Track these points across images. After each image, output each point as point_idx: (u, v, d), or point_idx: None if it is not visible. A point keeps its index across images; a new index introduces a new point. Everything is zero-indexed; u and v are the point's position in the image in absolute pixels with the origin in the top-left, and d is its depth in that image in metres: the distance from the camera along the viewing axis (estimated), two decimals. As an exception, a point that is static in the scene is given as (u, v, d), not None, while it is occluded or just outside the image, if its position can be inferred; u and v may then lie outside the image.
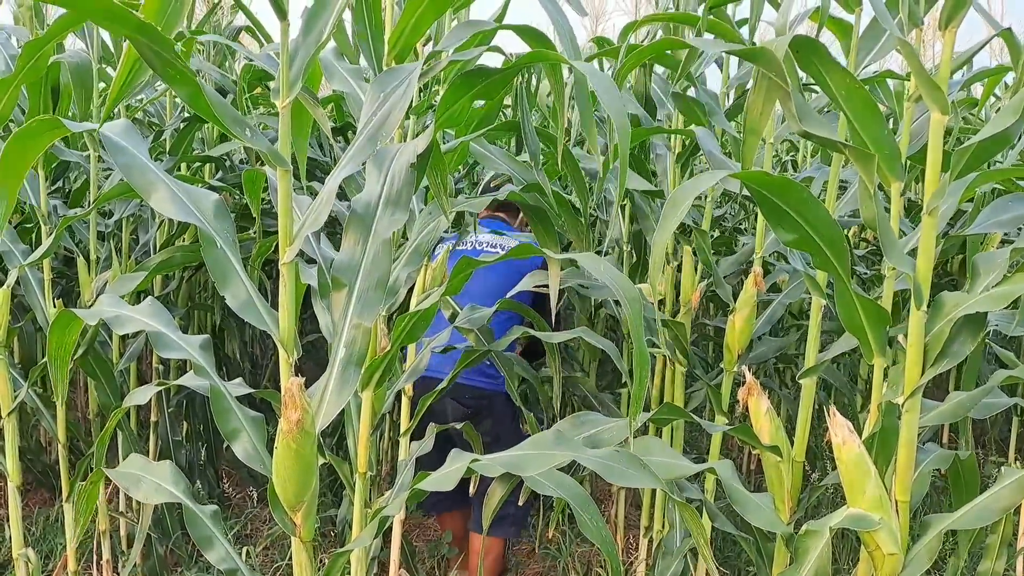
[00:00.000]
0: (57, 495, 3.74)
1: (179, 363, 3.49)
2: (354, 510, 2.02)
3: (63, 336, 1.70)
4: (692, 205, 2.55)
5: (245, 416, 1.51)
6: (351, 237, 1.47)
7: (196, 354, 1.55)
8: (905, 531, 1.45)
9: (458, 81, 1.62)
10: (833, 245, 1.38)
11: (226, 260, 1.43)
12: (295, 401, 1.33)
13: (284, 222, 1.39)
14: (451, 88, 1.62)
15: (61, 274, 3.68)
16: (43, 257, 2.07)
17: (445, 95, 1.70)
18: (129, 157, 1.35)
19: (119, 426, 1.90)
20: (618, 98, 1.49)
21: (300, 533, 1.43)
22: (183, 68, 1.14)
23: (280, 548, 3.46)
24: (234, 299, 1.43)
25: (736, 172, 1.29)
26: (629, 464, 1.43)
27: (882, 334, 1.47)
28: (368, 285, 1.45)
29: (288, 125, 1.33)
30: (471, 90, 1.66)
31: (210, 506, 1.59)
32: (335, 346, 1.47)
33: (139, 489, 1.55)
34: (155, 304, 1.61)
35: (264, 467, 1.48)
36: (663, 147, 2.78)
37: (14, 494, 2.25)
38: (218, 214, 1.43)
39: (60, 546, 3.33)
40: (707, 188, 1.35)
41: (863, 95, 1.36)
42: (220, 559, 1.54)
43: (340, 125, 3.55)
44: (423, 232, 2.04)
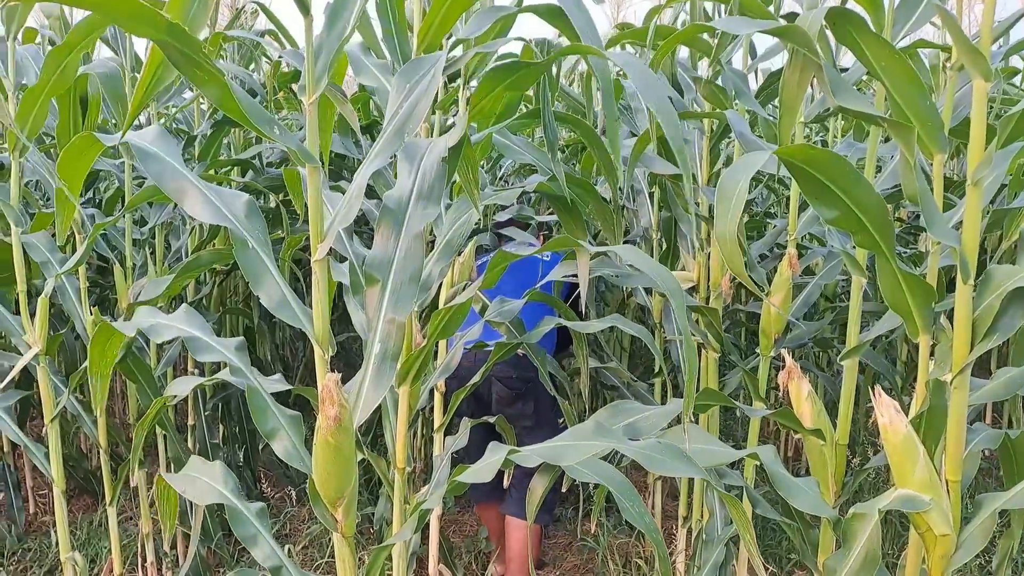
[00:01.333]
0: (100, 500, 3.80)
1: (214, 368, 3.52)
2: (394, 505, 2.02)
3: (104, 349, 1.72)
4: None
5: (283, 414, 1.52)
6: (383, 232, 1.47)
7: (232, 356, 1.56)
8: (957, 511, 1.42)
9: (491, 73, 1.61)
10: (877, 221, 1.34)
11: (259, 260, 1.43)
12: (333, 397, 1.32)
13: (315, 219, 1.39)
14: (484, 80, 1.61)
15: (95, 283, 3.72)
16: (78, 264, 2.09)
17: (479, 88, 1.69)
18: (160, 163, 1.36)
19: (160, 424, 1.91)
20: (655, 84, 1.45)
21: (342, 528, 1.43)
22: (212, 69, 1.14)
23: (319, 546, 3.48)
24: (268, 299, 1.43)
25: (779, 148, 1.27)
26: (670, 454, 1.41)
27: (928, 311, 1.44)
28: (401, 280, 1.45)
29: (316, 122, 1.32)
30: (503, 82, 1.65)
31: (256, 504, 1.60)
32: (370, 342, 1.46)
33: (193, 489, 1.56)
34: (189, 310, 1.62)
35: (303, 464, 1.48)
36: (692, 131, 2.75)
37: (60, 499, 2.28)
38: (250, 215, 1.43)
39: (105, 550, 3.38)
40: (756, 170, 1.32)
41: (904, 66, 1.32)
42: (265, 556, 1.55)
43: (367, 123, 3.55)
44: (454, 227, 2.03)
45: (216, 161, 3.07)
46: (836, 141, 4.14)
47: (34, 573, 3.29)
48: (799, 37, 1.28)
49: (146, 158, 1.35)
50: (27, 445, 2.34)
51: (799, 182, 1.34)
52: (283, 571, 1.56)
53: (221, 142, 3.10)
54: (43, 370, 2.18)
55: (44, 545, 3.47)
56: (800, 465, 4.14)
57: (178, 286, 2.42)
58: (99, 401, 1.77)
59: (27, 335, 2.13)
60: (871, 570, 1.30)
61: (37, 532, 3.66)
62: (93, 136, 1.45)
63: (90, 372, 1.73)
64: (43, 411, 2.81)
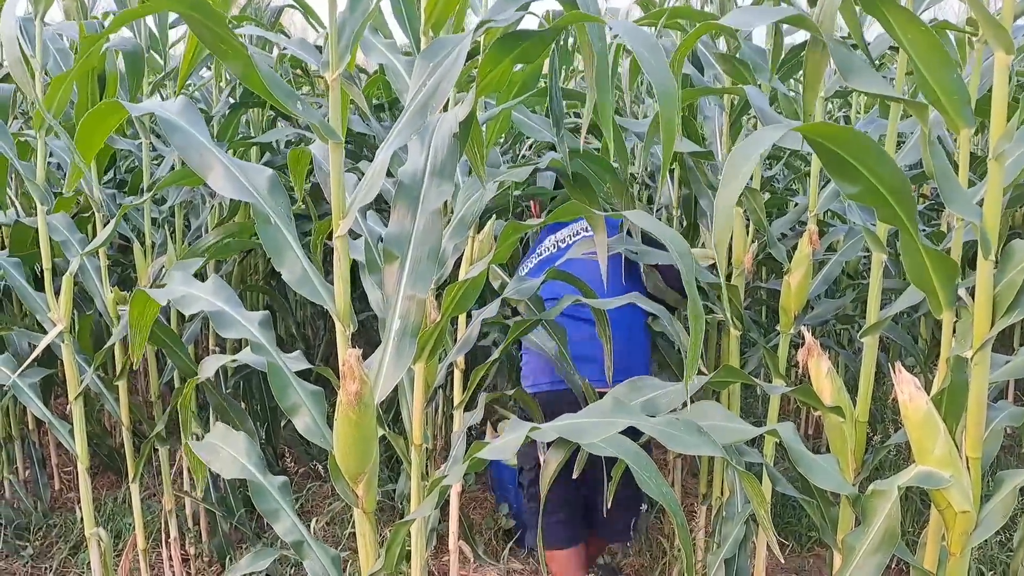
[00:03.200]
0: (123, 477, 3.85)
1: (235, 346, 3.56)
2: (412, 482, 2.03)
3: (142, 310, 1.73)
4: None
5: (304, 391, 1.53)
6: (400, 209, 1.47)
7: (255, 331, 1.57)
8: (977, 488, 1.41)
9: (496, 45, 1.59)
10: (899, 196, 1.33)
11: (280, 236, 1.44)
12: (354, 372, 1.33)
13: (337, 195, 1.39)
14: (490, 52, 1.59)
15: (116, 262, 3.75)
16: (102, 245, 2.11)
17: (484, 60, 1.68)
18: (186, 136, 1.36)
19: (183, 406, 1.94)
20: (662, 61, 1.44)
21: (363, 504, 1.45)
22: (235, 43, 1.14)
23: (341, 523, 3.52)
24: (290, 274, 1.44)
25: (799, 125, 1.25)
26: (689, 431, 1.41)
27: (952, 287, 1.42)
28: (420, 256, 1.45)
29: (338, 98, 1.32)
30: (510, 53, 1.62)
31: (278, 478, 1.62)
32: (389, 318, 1.47)
33: (217, 460, 1.58)
34: (218, 282, 1.63)
35: (325, 441, 1.49)
36: (713, 108, 2.73)
37: (84, 475, 2.32)
38: (272, 190, 1.44)
39: (129, 526, 3.43)
40: (770, 144, 1.30)
41: (930, 38, 1.30)
42: (286, 531, 1.57)
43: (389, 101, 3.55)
44: (467, 203, 2.03)
45: (235, 142, 3.08)
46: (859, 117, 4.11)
47: (59, 549, 3.35)
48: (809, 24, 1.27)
49: (172, 130, 1.36)
50: (52, 422, 2.38)
51: (820, 158, 1.33)
52: (304, 546, 1.58)
53: (239, 121, 3.11)
54: (67, 348, 2.21)
55: (69, 521, 3.53)
56: (820, 443, 4.13)
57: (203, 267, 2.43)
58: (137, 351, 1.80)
59: (51, 312, 2.15)
60: (890, 547, 1.30)
61: (62, 509, 3.73)
62: (118, 103, 1.46)
63: (130, 326, 1.75)
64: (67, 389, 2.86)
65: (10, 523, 3.45)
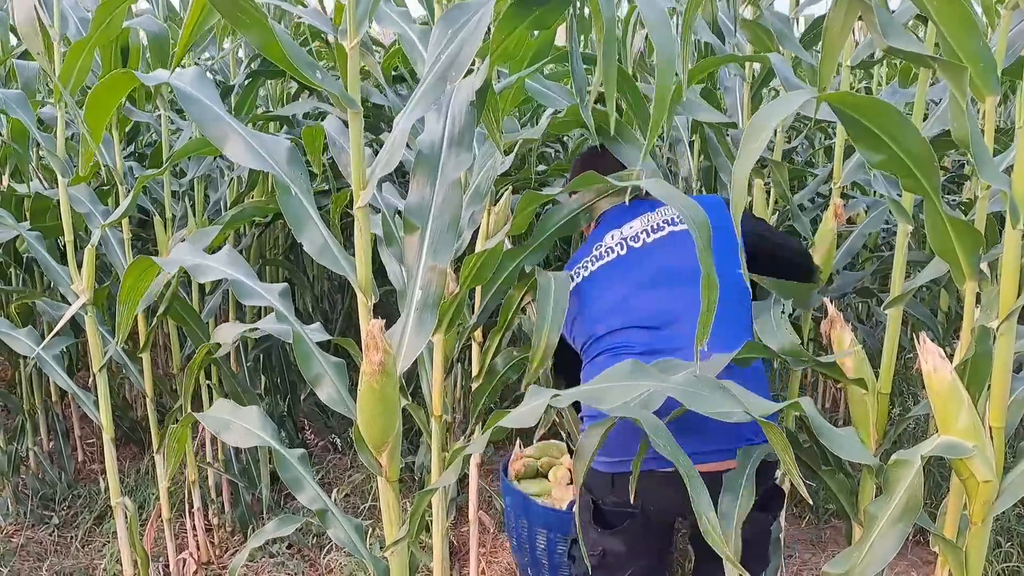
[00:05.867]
0: (146, 449, 3.90)
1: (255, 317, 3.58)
2: (432, 453, 2.05)
3: (137, 280, 1.73)
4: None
5: (327, 361, 1.54)
6: (419, 180, 1.47)
7: (276, 301, 1.58)
8: (1000, 458, 1.40)
9: (510, 10, 1.57)
10: (923, 165, 1.32)
11: (301, 207, 1.44)
12: (377, 343, 1.34)
13: (357, 166, 1.39)
14: (503, 18, 1.57)
15: (137, 236, 3.78)
16: (123, 216, 2.12)
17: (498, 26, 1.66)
18: (202, 108, 1.37)
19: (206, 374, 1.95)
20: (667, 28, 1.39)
21: (386, 473, 1.46)
22: (255, 12, 1.13)
23: (361, 494, 3.56)
24: (311, 244, 1.44)
25: (824, 94, 1.24)
26: (711, 389, 1.39)
27: (975, 257, 1.41)
28: (440, 226, 1.45)
29: (356, 66, 1.32)
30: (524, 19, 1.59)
31: (298, 449, 1.63)
32: (410, 289, 1.47)
33: (229, 433, 1.59)
34: (232, 253, 1.64)
35: (348, 410, 1.50)
36: (733, 79, 2.70)
37: (109, 445, 2.35)
38: (291, 161, 1.44)
39: (152, 496, 3.48)
40: (791, 112, 1.29)
41: (958, 7, 1.28)
42: (310, 500, 1.58)
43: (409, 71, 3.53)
44: (481, 172, 2.02)
45: (254, 115, 3.08)
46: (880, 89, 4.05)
47: (84, 519, 3.41)
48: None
49: (188, 101, 1.36)
50: (76, 393, 2.41)
51: (845, 126, 1.31)
52: (328, 515, 1.59)
53: (257, 94, 3.10)
54: (91, 319, 2.23)
55: (93, 492, 3.58)
56: (837, 416, 4.13)
57: (221, 238, 2.44)
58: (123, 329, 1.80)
59: (75, 284, 2.17)
60: (912, 515, 1.30)
61: (86, 480, 3.78)
62: (130, 73, 1.47)
63: (119, 300, 1.75)
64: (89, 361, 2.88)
65: (36, 493, 3.50)
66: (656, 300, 1.92)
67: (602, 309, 1.97)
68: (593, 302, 2.01)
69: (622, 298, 1.95)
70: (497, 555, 3.14)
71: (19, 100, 2.32)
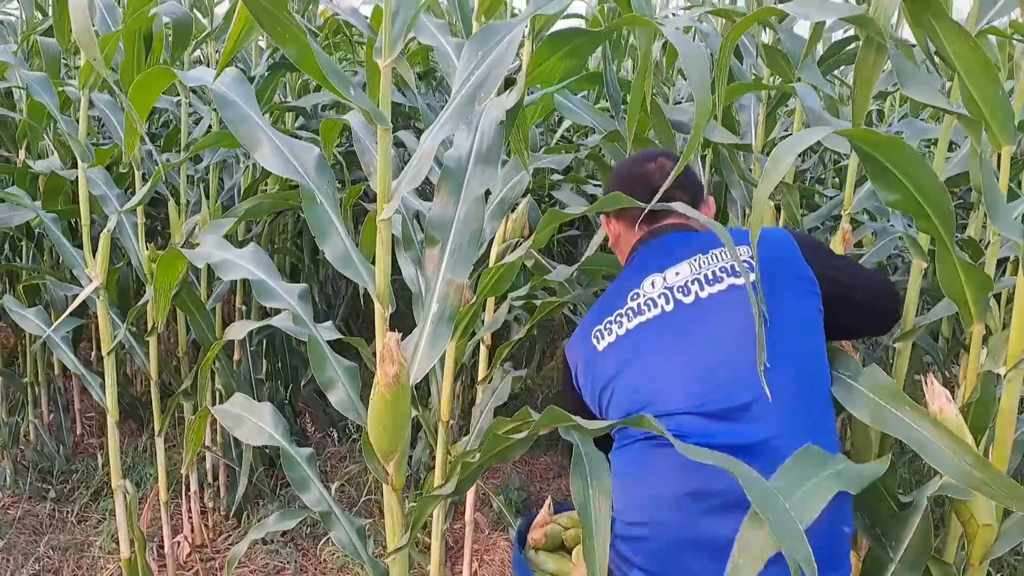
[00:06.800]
0: (145, 426, 3.93)
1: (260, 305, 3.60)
2: (437, 456, 2.08)
3: (167, 271, 1.77)
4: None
5: (340, 366, 1.56)
6: (443, 194, 1.48)
7: (295, 303, 1.60)
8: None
9: (548, 42, 1.60)
10: (939, 209, 1.34)
11: (325, 215, 1.45)
12: (392, 355, 1.36)
13: (383, 179, 1.40)
14: (541, 48, 1.61)
15: (148, 215, 3.79)
16: (141, 202, 2.14)
17: (536, 54, 1.69)
18: (237, 111, 1.38)
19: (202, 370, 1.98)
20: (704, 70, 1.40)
21: (392, 481, 1.48)
22: (294, 27, 1.15)
23: (356, 485, 3.59)
24: (332, 252, 1.46)
25: (843, 130, 1.26)
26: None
27: (984, 301, 1.44)
28: (461, 241, 1.47)
29: (389, 84, 1.33)
30: (561, 49, 1.64)
31: (306, 449, 1.65)
32: (427, 302, 1.49)
33: (241, 429, 1.61)
34: (258, 250, 1.65)
35: (358, 416, 1.52)
36: (749, 98, 2.71)
37: (113, 429, 2.37)
38: (319, 169, 1.46)
39: (150, 476, 3.51)
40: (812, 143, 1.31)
41: (979, 54, 1.30)
42: (315, 501, 1.61)
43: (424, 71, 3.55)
44: (507, 185, 2.04)
45: (272, 105, 3.09)
46: (893, 110, 4.07)
47: (80, 494, 3.43)
48: (874, 26, 1.26)
49: (224, 103, 1.38)
50: (84, 375, 2.43)
51: (863, 162, 1.33)
52: (331, 516, 1.62)
53: (277, 83, 3.12)
54: (102, 303, 2.24)
55: (91, 467, 3.61)
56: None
57: (233, 228, 2.46)
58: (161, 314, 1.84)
59: (88, 268, 2.19)
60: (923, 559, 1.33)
61: (83, 454, 3.81)
62: (168, 70, 1.48)
63: (155, 286, 1.79)
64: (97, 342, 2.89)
65: (34, 466, 3.53)
66: (716, 379, 1.49)
67: (643, 383, 1.55)
68: (631, 372, 1.57)
69: (671, 372, 1.52)
70: (490, 553, 3.17)
71: (43, 83, 2.33)
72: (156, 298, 1.92)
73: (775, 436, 1.41)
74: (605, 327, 1.66)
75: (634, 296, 1.64)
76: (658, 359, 1.55)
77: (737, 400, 1.45)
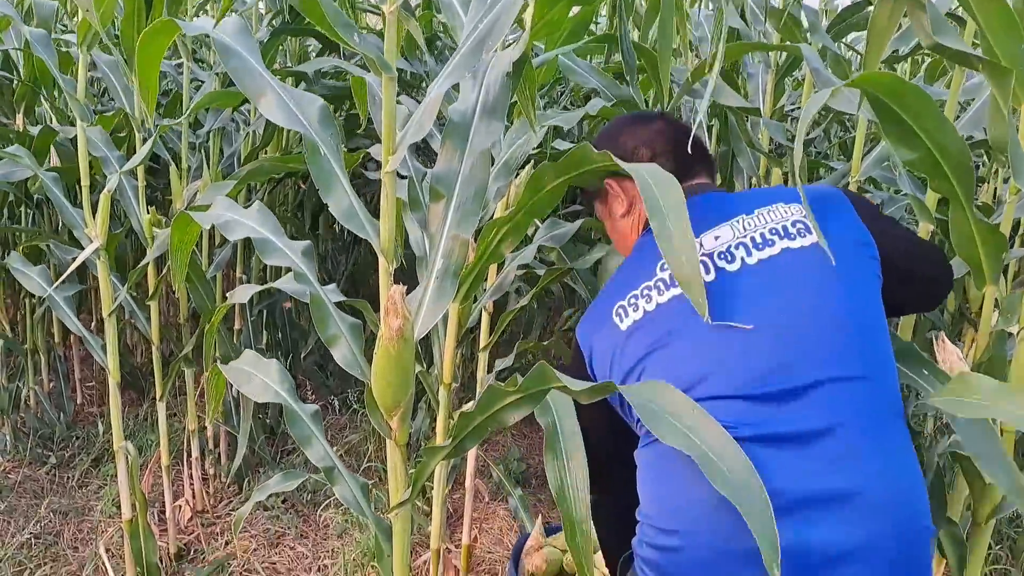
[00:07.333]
0: (145, 396, 3.92)
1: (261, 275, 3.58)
2: (439, 419, 2.06)
3: (183, 234, 1.76)
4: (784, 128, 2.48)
5: (344, 323, 1.54)
6: (448, 148, 1.47)
7: (298, 260, 1.58)
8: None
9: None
10: (959, 168, 1.31)
11: (330, 167, 1.43)
12: (397, 308, 1.34)
13: (388, 131, 1.38)
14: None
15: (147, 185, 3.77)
16: (141, 163, 2.12)
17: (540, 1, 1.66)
18: (240, 61, 1.36)
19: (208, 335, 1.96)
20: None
21: (395, 437, 1.47)
22: (298, -32, 1.12)
23: (357, 455, 3.59)
24: (337, 207, 1.44)
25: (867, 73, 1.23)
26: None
27: (998, 261, 1.42)
28: (466, 196, 1.45)
29: (395, 31, 1.31)
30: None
31: (310, 406, 1.64)
32: (431, 258, 1.47)
33: (249, 385, 1.60)
34: (263, 210, 1.63)
35: (362, 373, 1.51)
36: (757, 65, 2.69)
37: (115, 390, 2.36)
38: (323, 120, 1.43)
39: (151, 443, 3.50)
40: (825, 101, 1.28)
41: (1001, 6, 1.27)
42: (319, 457, 1.59)
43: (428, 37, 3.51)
44: (513, 147, 2.02)
45: (274, 70, 3.06)
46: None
47: (81, 460, 3.43)
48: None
49: (227, 54, 1.35)
50: (85, 336, 2.41)
51: (880, 117, 1.30)
52: (335, 472, 1.61)
53: (278, 49, 3.08)
54: (103, 265, 2.22)
55: (91, 434, 3.61)
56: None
57: (234, 192, 2.44)
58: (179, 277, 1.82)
59: (88, 229, 2.16)
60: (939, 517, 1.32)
61: (84, 422, 3.80)
62: (172, 21, 1.46)
63: (172, 251, 1.78)
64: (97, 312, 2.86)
65: (34, 432, 3.53)
66: (770, 357, 1.27)
67: (679, 366, 1.32)
68: (665, 353, 1.35)
69: (714, 351, 1.30)
70: (489, 522, 3.17)
71: (43, 40, 2.30)
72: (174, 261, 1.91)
73: (840, 424, 1.21)
74: (629, 303, 1.43)
75: (664, 266, 1.40)
76: (698, 337, 1.32)
77: (795, 382, 1.24)
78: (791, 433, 1.20)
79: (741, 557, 1.15)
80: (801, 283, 1.31)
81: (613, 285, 1.52)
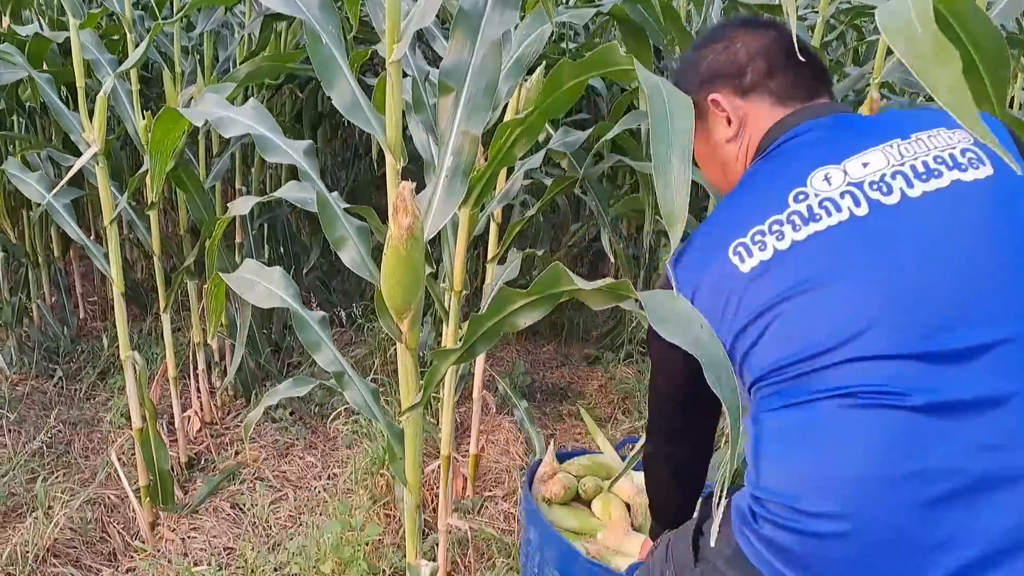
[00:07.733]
0: (148, 310, 3.90)
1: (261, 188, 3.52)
2: (449, 327, 2.04)
3: (165, 133, 1.68)
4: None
5: (351, 224, 1.50)
6: (458, 38, 1.39)
7: (300, 159, 1.52)
8: None
9: None
10: (995, 63, 1.23)
11: (332, 58, 1.36)
12: (407, 206, 1.29)
13: (392, 15, 1.31)
14: None
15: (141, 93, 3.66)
16: (137, 64, 2.04)
17: None
18: (235, -61, 1.28)
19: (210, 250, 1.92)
20: None
21: (406, 340, 1.44)
22: None
23: (363, 369, 3.58)
24: (340, 99, 1.37)
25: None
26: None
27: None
28: (476, 89, 1.38)
29: (401, -95, 1.22)
30: None
31: (318, 312, 1.61)
32: (441, 155, 1.42)
33: (252, 293, 1.56)
34: (259, 108, 1.56)
35: (370, 275, 1.47)
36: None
37: (119, 299, 2.33)
38: (323, 7, 1.36)
39: (156, 356, 3.50)
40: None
41: None
42: (328, 362, 1.57)
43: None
44: (524, 43, 1.93)
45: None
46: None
47: (87, 373, 3.43)
48: None
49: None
50: (87, 244, 2.37)
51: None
52: (345, 377, 1.58)
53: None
54: (101, 170, 2.16)
55: (96, 348, 3.60)
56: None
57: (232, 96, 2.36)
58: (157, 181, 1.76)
59: (85, 133, 2.10)
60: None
61: (88, 336, 3.79)
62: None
63: (151, 150, 1.70)
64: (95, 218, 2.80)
65: (39, 346, 3.52)
66: (942, 310, 1.07)
67: (825, 316, 1.11)
68: (804, 301, 1.13)
69: (870, 301, 1.09)
70: (495, 434, 3.19)
71: (26, -68, 2.18)
72: (153, 164, 1.84)
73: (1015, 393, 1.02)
74: (752, 240, 1.19)
75: (799, 196, 1.18)
76: (849, 283, 1.11)
77: (969, 341, 1.04)
78: (967, 400, 1.02)
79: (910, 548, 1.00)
80: (976, 223, 1.11)
81: (726, 217, 1.30)
